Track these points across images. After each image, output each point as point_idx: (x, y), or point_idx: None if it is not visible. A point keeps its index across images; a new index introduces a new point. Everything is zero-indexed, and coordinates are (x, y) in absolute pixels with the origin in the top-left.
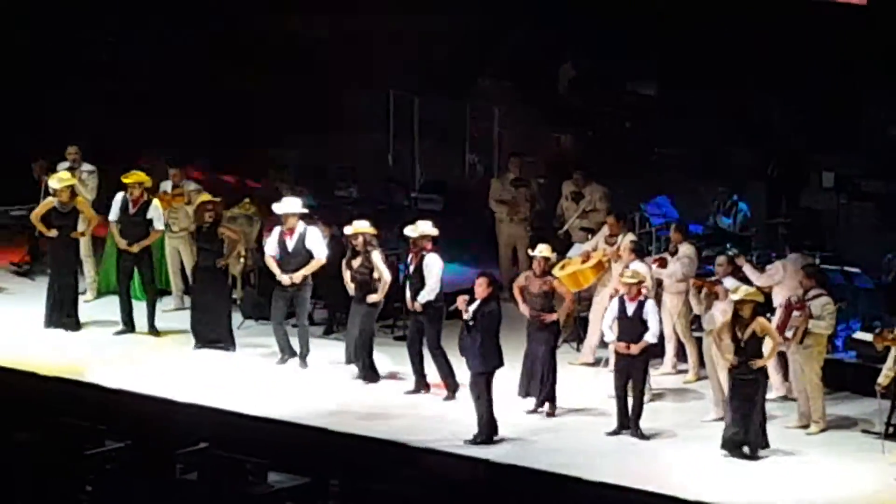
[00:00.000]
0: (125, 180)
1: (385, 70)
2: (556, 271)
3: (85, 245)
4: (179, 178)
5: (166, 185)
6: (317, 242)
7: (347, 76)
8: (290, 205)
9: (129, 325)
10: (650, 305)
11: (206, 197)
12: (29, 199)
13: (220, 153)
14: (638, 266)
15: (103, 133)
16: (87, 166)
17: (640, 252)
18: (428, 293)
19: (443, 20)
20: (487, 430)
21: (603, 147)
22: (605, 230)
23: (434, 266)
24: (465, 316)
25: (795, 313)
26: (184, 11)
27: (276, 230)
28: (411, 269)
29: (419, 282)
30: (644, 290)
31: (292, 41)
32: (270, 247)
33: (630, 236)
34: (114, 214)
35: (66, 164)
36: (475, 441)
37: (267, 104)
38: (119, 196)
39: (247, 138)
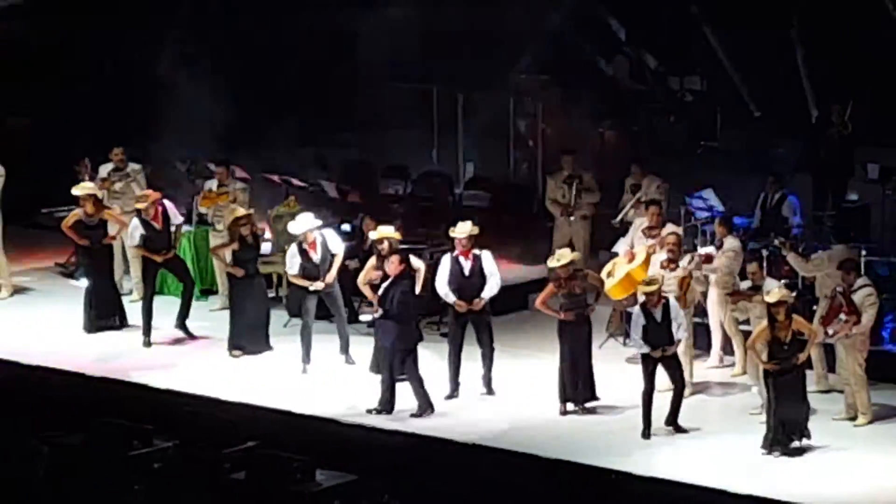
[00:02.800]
0: (138, 206)
1: (429, 66)
2: (606, 281)
3: (130, 246)
4: (225, 176)
5: (211, 184)
6: (335, 241)
7: (391, 72)
8: (305, 222)
9: (149, 334)
10: (674, 304)
11: (239, 211)
12: (74, 201)
13: (264, 151)
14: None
15: (145, 133)
16: (133, 165)
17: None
18: (495, 287)
19: (488, 15)
20: (425, 403)
21: (648, 141)
22: (643, 222)
23: (493, 260)
24: (376, 310)
25: (842, 316)
26: (225, 9)
27: (294, 248)
28: (466, 270)
29: (479, 280)
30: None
31: (337, 37)
32: (294, 266)
33: (670, 227)
34: (136, 240)
35: (111, 165)
36: (420, 414)
37: (311, 101)
38: (135, 222)
39: (292, 136)
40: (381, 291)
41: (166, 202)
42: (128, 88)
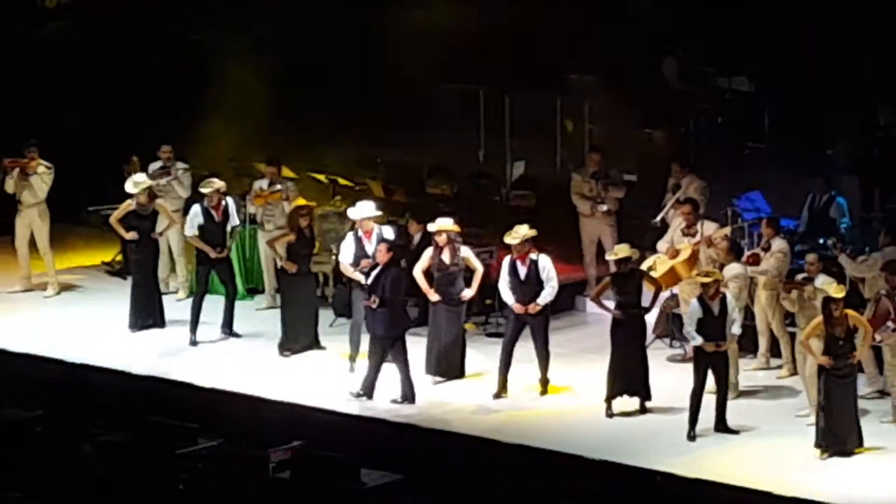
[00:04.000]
0: (203, 190)
1: (476, 66)
2: (653, 273)
3: (177, 244)
4: (276, 175)
5: (262, 183)
6: (392, 238)
7: (438, 73)
8: (365, 209)
9: (195, 332)
10: (731, 300)
11: (301, 201)
12: (121, 199)
13: (310, 151)
14: (735, 267)
15: (194, 132)
16: (181, 164)
17: (737, 252)
18: (551, 293)
19: (534, 15)
20: (409, 391)
21: (696, 142)
22: (681, 221)
23: (551, 265)
24: (376, 300)
25: (890, 324)
26: (272, 6)
27: (350, 236)
28: (522, 274)
29: (536, 285)
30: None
31: (384, 37)
32: (347, 254)
33: (709, 224)
34: (192, 230)
35: (159, 164)
36: (401, 401)
37: (358, 101)
38: (195, 209)
39: (338, 135)
40: (370, 280)
41: (229, 199)
42: (175, 86)
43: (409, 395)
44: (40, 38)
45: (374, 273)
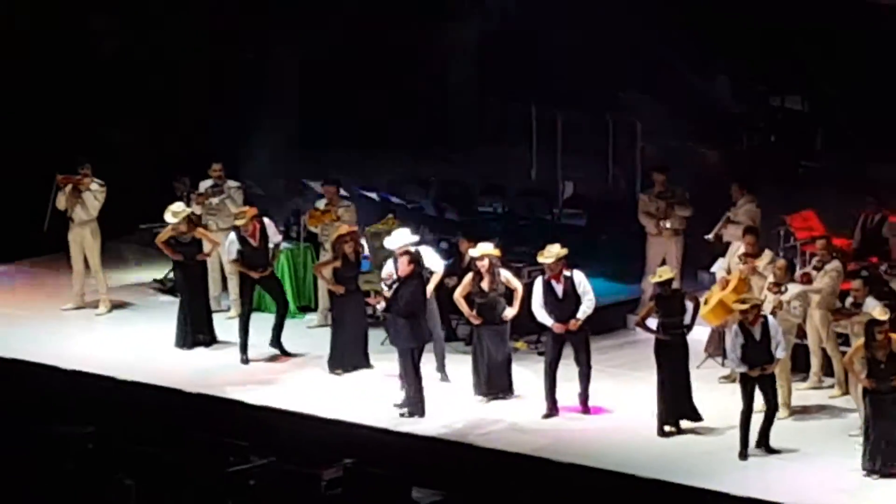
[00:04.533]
0: (238, 223)
1: (528, 83)
2: (702, 307)
3: (227, 263)
4: (334, 194)
5: (319, 203)
6: (434, 258)
7: (490, 90)
8: (401, 237)
9: (246, 351)
10: (773, 323)
11: (344, 228)
12: None
13: (363, 168)
14: (797, 287)
15: (245, 151)
16: (232, 182)
17: (793, 272)
18: (590, 307)
19: (586, 32)
20: (417, 407)
21: (749, 161)
22: (739, 248)
23: (586, 279)
24: (379, 303)
25: None
26: (322, 27)
27: (389, 263)
28: (559, 293)
29: (574, 302)
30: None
31: (436, 54)
32: (389, 281)
33: (768, 254)
34: (233, 254)
35: (210, 182)
36: (407, 415)
37: (410, 119)
38: (232, 237)
39: (390, 153)
40: (391, 292)
41: (266, 220)
42: (224, 105)
43: (417, 411)
44: (93, 56)
45: (395, 286)
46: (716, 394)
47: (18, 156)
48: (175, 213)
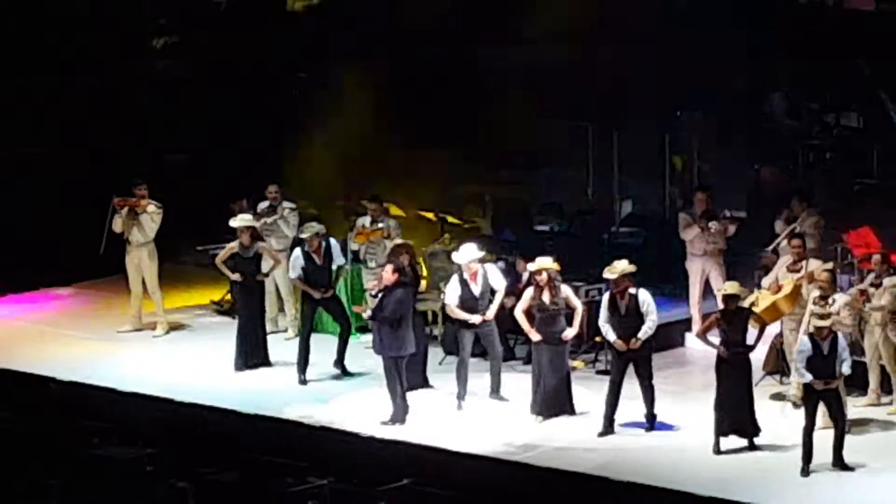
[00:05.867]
0: (302, 235)
1: (584, 102)
2: (754, 308)
3: (284, 284)
4: (379, 213)
5: (365, 220)
6: (497, 277)
7: (546, 109)
8: (469, 252)
9: (304, 372)
10: (842, 340)
11: (399, 241)
12: (229, 239)
13: (420, 188)
14: (843, 296)
15: (300, 170)
16: (287, 203)
17: (836, 283)
18: (652, 327)
19: (642, 51)
20: (399, 415)
21: (805, 178)
22: (788, 259)
23: (651, 299)
24: (366, 313)
25: None
26: (381, 43)
27: (455, 279)
28: (623, 309)
29: (636, 319)
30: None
31: (492, 73)
32: (453, 296)
33: (815, 262)
34: (295, 272)
35: (266, 203)
36: (390, 423)
37: (466, 138)
38: (297, 253)
39: (447, 173)
40: (377, 301)
41: (332, 241)
42: (281, 125)
43: (399, 419)
44: (149, 78)
45: (380, 295)
46: (775, 410)
47: (76, 179)
48: (242, 219)
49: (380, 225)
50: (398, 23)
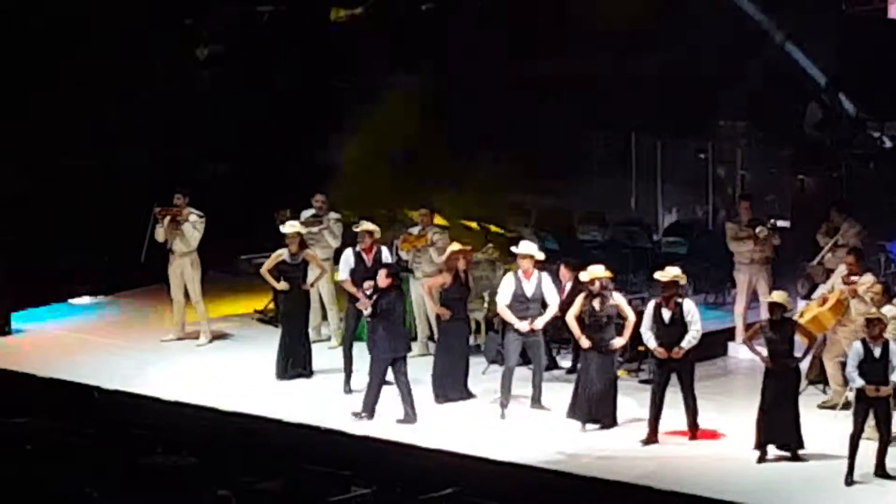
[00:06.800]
0: (355, 228)
1: (627, 112)
2: (799, 319)
3: (328, 293)
4: (427, 220)
5: (413, 229)
6: (551, 290)
7: (589, 119)
8: (527, 247)
9: (349, 382)
10: (893, 345)
11: (455, 245)
12: (273, 248)
13: (462, 197)
14: (893, 308)
15: (345, 180)
16: (333, 214)
17: (891, 295)
18: (696, 336)
19: (686, 61)
20: (368, 409)
21: (847, 188)
22: (843, 269)
23: (696, 309)
24: (367, 309)
25: None
26: (427, 55)
27: (510, 276)
28: (667, 318)
29: (680, 328)
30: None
31: (535, 84)
32: (506, 293)
33: (869, 276)
34: (344, 273)
35: (312, 212)
36: (403, 422)
37: (509, 147)
38: (348, 253)
39: (490, 182)
40: (371, 301)
41: (384, 248)
42: (324, 134)
43: (411, 416)
44: (193, 87)
45: (375, 296)
46: (818, 420)
47: (117, 188)
48: (292, 225)
49: (426, 233)
50: (442, 32)
